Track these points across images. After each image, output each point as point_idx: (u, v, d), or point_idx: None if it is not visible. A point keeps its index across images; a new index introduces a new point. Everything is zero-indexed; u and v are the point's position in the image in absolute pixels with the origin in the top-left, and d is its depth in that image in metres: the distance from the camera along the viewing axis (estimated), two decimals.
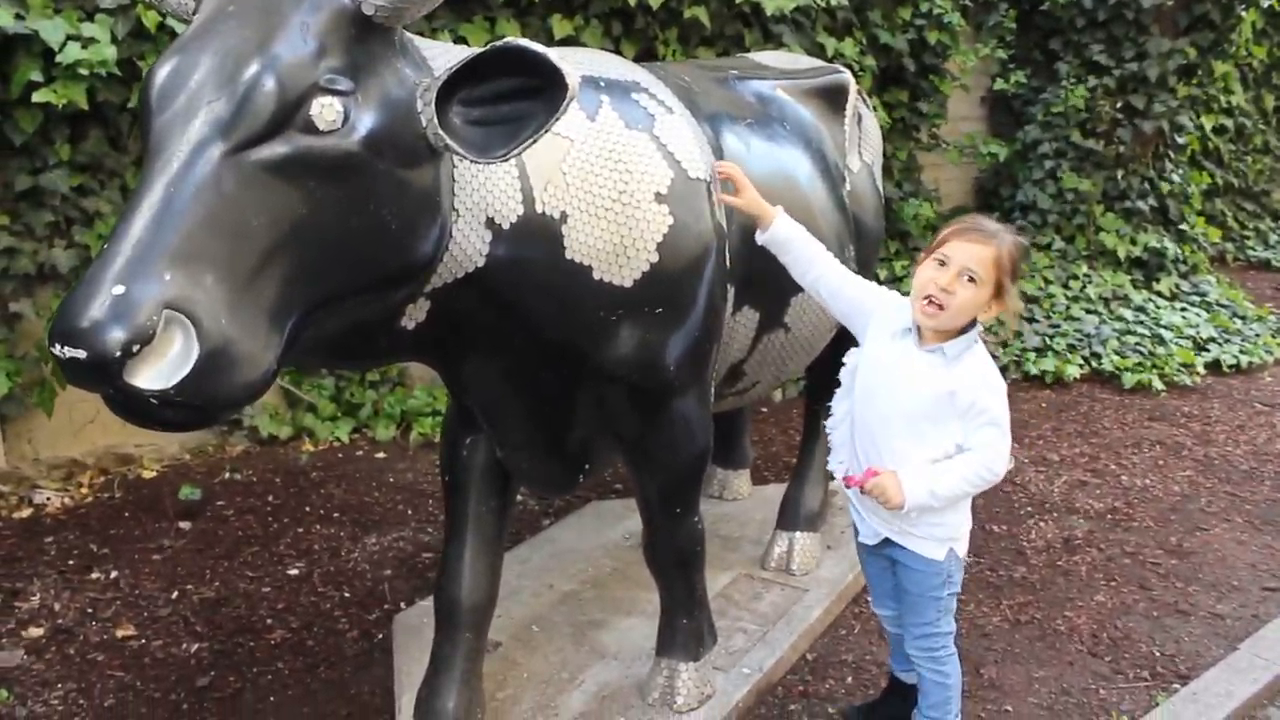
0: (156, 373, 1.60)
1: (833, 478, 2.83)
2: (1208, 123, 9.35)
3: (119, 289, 1.57)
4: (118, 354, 1.54)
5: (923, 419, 2.45)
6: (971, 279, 2.39)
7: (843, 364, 2.71)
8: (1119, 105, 7.73)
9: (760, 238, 2.63)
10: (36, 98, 3.85)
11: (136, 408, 1.66)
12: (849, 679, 3.28)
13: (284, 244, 1.76)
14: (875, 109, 4.03)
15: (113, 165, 4.35)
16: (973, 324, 2.47)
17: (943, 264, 2.41)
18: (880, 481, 2.43)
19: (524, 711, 2.91)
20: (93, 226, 4.32)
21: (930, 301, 2.41)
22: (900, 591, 2.70)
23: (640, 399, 2.57)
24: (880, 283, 6.90)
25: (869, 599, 3.65)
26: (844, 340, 3.61)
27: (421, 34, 2.47)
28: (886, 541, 2.64)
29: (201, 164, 1.69)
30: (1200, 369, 6.54)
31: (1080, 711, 3.16)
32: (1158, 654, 3.49)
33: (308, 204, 1.78)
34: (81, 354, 1.55)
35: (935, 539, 2.57)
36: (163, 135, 1.73)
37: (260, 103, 1.73)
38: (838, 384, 3.89)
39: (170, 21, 4.11)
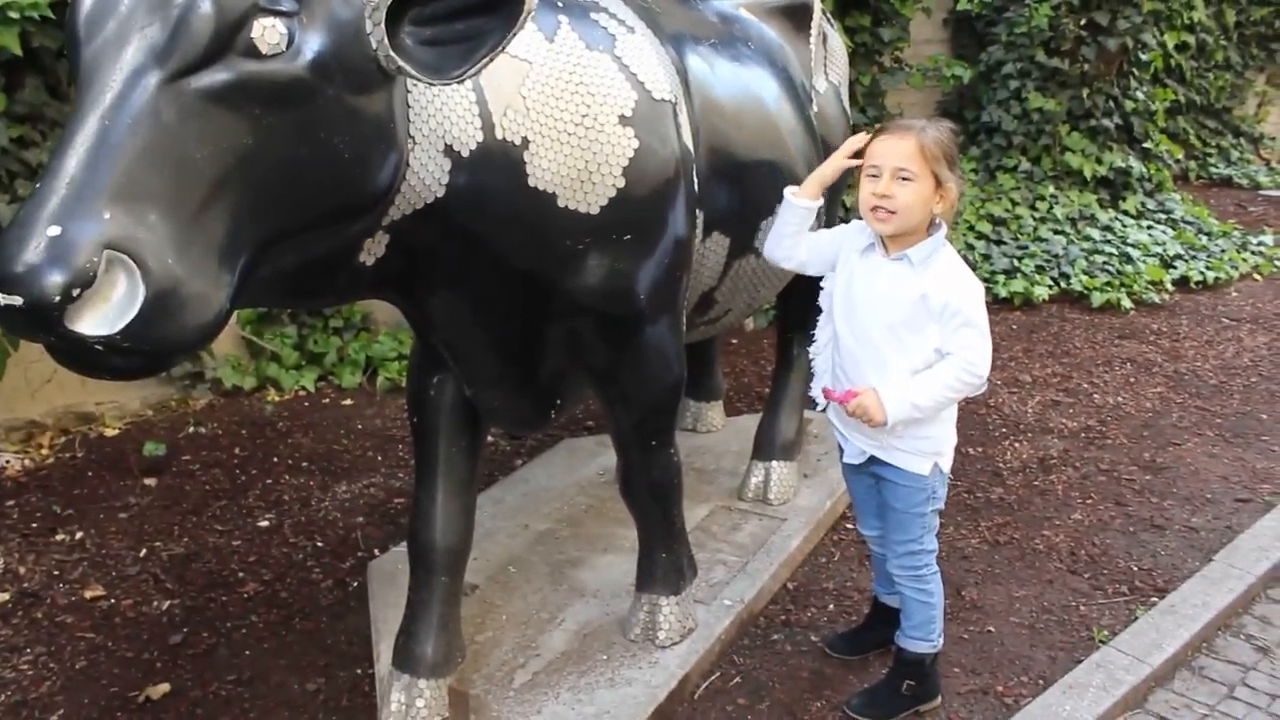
0: (101, 318, 1.51)
1: (814, 404, 2.79)
2: (1170, 40, 9.26)
3: (55, 230, 1.48)
4: (57, 299, 1.45)
5: (900, 327, 2.44)
6: (905, 177, 2.38)
7: (820, 289, 2.69)
8: (1083, 23, 7.64)
9: (797, 199, 2.62)
10: None
11: (82, 356, 1.57)
12: (831, 606, 3.26)
13: (231, 177, 1.67)
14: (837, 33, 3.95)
15: (53, 115, 4.18)
16: (937, 227, 2.46)
17: (875, 174, 2.42)
18: (861, 401, 2.42)
19: (504, 653, 2.87)
20: (36, 179, 4.16)
21: (878, 210, 2.41)
22: (885, 509, 2.69)
23: (610, 330, 2.50)
24: (845, 209, 6.83)
25: (849, 525, 3.66)
26: None
27: None
28: (872, 459, 2.63)
29: (137, 94, 1.59)
30: (1168, 286, 6.55)
31: (1061, 628, 3.17)
32: (1135, 569, 3.50)
33: (254, 134, 1.69)
34: (18, 300, 1.46)
35: (920, 453, 2.55)
36: (94, 66, 1.62)
37: (197, 26, 1.62)
38: (808, 311, 3.87)
39: None
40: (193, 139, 1.63)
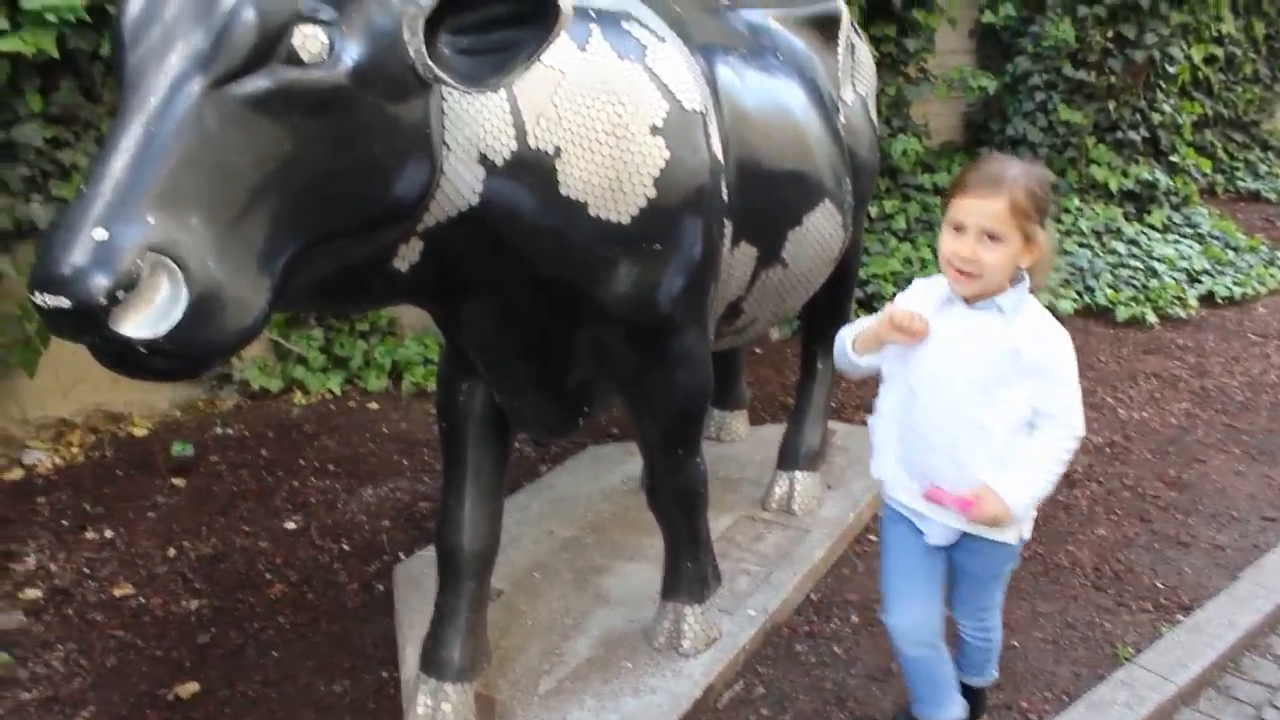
0: (144, 320, 1.54)
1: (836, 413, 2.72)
2: (1198, 52, 9.23)
3: (100, 233, 1.50)
4: (102, 301, 1.48)
5: (993, 382, 2.23)
6: (994, 236, 2.16)
7: (844, 296, 2.63)
8: (1110, 35, 7.62)
9: (862, 360, 2.42)
10: (4, 46, 3.72)
11: (125, 358, 1.60)
12: (854, 618, 3.26)
13: (271, 183, 1.69)
14: None
15: (87, 116, 4.23)
16: (1021, 274, 2.25)
17: (959, 229, 2.20)
18: (984, 511, 2.22)
19: (529, 659, 2.89)
20: (70, 180, 4.20)
21: (960, 271, 2.21)
22: (960, 575, 2.52)
23: (639, 338, 2.51)
24: (870, 220, 6.74)
25: (872, 537, 3.64)
26: (841, 280, 3.58)
27: None
28: (960, 536, 2.42)
29: (181, 100, 1.62)
30: (1193, 301, 6.51)
31: (1085, 644, 3.16)
32: (1160, 586, 3.48)
33: (294, 140, 1.71)
34: (64, 302, 1.48)
35: (1014, 524, 2.37)
36: (138, 72, 1.64)
37: (240, 34, 1.65)
38: (832, 323, 3.71)
39: None
40: (234, 145, 1.65)
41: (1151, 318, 6.21)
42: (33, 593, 3.39)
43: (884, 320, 2.30)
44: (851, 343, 2.42)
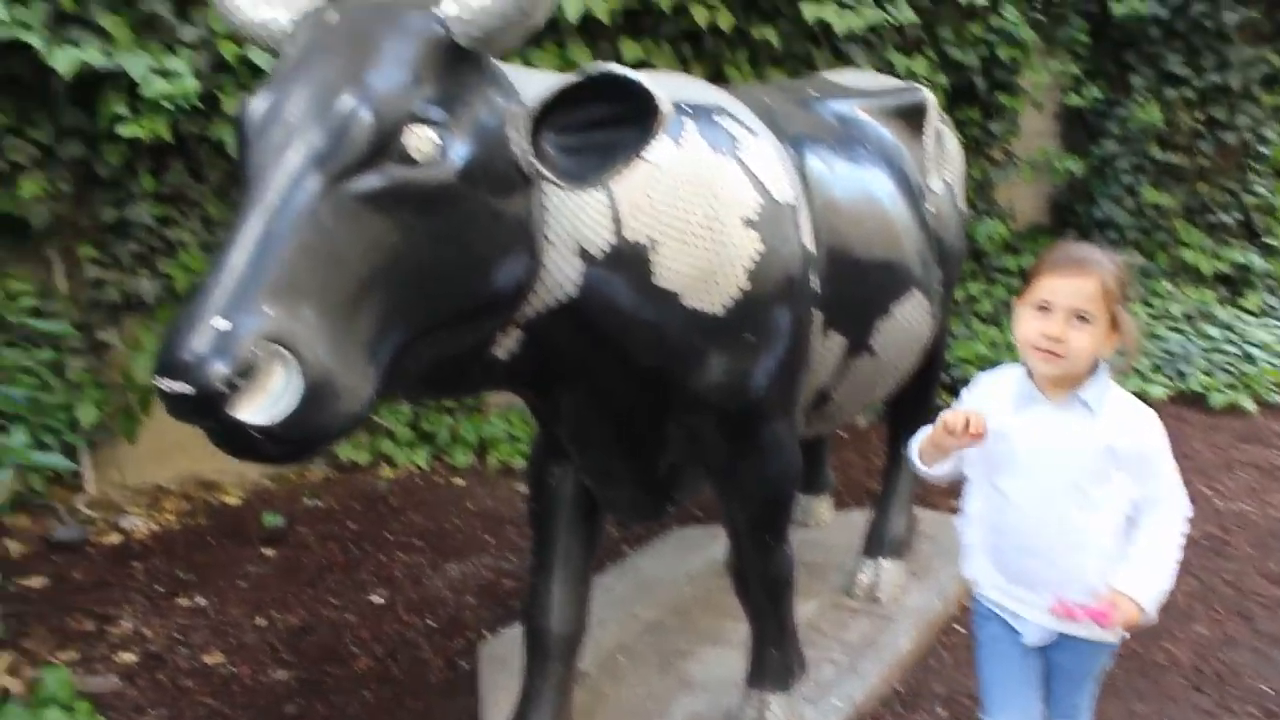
0: (260, 407, 1.60)
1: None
2: None
3: (221, 322, 1.58)
4: (221, 388, 1.55)
5: (1088, 482, 2.17)
6: (1083, 318, 2.12)
7: (931, 385, 2.59)
8: (1200, 118, 7.54)
9: (933, 471, 2.38)
10: (124, 131, 3.93)
11: (240, 442, 1.66)
12: (940, 711, 3.19)
13: (380, 275, 1.76)
14: None
15: (194, 196, 4.43)
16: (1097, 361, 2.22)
17: (1045, 309, 2.15)
18: (1117, 618, 2.12)
19: None
20: (176, 257, 4.40)
21: (1044, 352, 2.16)
22: (1054, 671, 2.40)
23: (729, 426, 2.53)
24: (955, 304, 6.68)
25: (959, 627, 3.56)
26: (927, 368, 3.55)
27: None
28: (1057, 637, 2.33)
29: (299, 196, 1.70)
30: None
31: None
32: (1266, 689, 3.35)
33: (403, 235, 1.78)
34: (185, 388, 1.55)
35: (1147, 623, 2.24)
36: (259, 167, 1.73)
37: (356, 134, 1.73)
38: (917, 412, 3.65)
39: (251, 54, 4.19)
40: (347, 239, 1.73)
41: (1249, 405, 6.04)
42: (127, 657, 3.47)
43: (938, 427, 2.25)
44: (919, 455, 2.39)
